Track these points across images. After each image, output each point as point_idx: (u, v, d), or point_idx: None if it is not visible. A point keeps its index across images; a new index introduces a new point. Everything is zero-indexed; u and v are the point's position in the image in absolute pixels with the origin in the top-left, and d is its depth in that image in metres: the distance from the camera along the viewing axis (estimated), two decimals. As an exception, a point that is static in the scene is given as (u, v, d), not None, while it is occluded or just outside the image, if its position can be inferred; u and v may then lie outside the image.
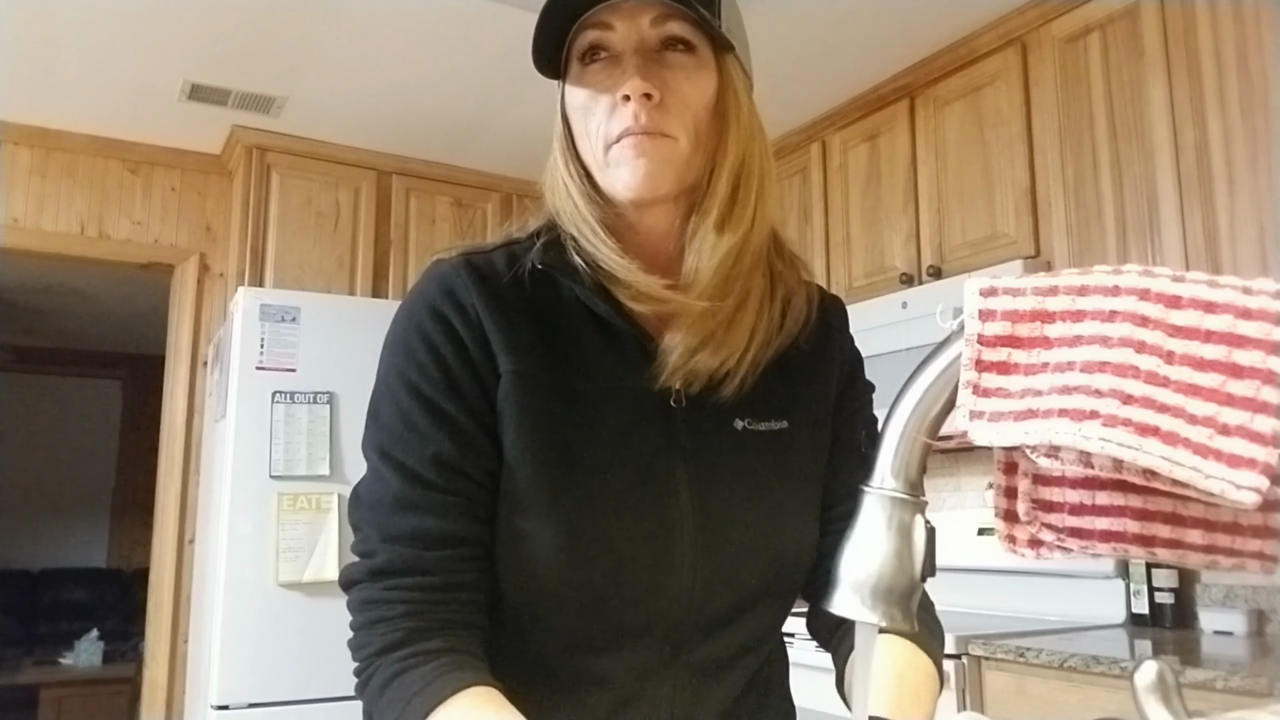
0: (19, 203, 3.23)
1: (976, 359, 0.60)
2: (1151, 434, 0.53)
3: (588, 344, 0.77)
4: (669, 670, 0.77)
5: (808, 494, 0.84)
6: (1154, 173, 2.12)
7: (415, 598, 0.71)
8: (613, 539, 0.74)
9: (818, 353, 0.86)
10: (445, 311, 0.75)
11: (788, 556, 0.81)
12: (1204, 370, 0.53)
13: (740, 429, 0.80)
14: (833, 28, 2.59)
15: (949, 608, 2.60)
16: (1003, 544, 0.66)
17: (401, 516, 0.72)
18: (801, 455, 0.83)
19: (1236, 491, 0.50)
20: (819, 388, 0.86)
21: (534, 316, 0.77)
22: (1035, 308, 0.59)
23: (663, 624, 0.76)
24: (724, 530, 0.77)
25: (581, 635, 0.75)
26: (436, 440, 0.73)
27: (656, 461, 0.76)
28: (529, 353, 0.75)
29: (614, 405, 0.76)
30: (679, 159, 0.75)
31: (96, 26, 2.59)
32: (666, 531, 0.75)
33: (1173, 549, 0.61)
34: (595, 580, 0.73)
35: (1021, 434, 0.57)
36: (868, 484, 0.65)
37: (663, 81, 0.74)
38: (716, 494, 0.77)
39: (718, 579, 0.77)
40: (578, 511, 0.73)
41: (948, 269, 2.60)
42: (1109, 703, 1.73)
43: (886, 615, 0.63)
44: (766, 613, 0.82)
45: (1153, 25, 2.15)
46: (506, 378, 0.74)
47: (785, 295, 0.82)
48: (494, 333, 0.75)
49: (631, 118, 0.73)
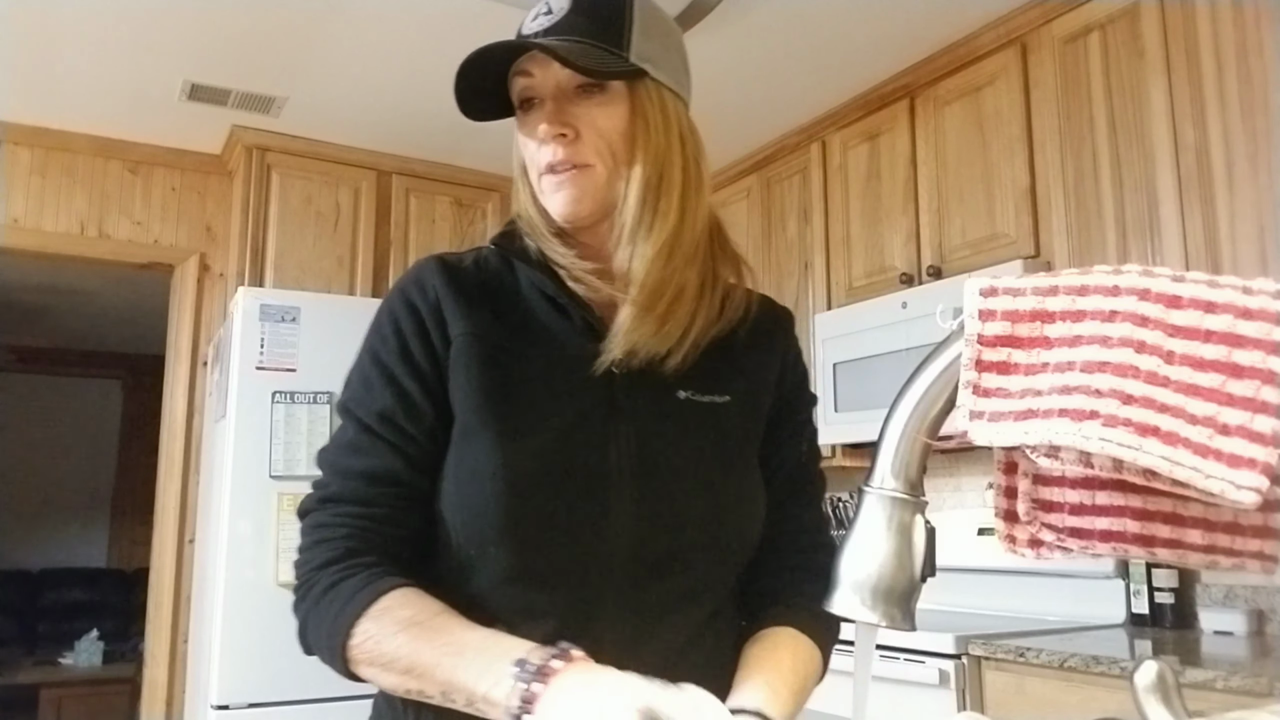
0: (19, 203, 3.23)
1: (976, 359, 0.60)
2: (1151, 434, 0.53)
3: (538, 318, 0.89)
4: (608, 610, 0.82)
5: (747, 461, 0.92)
6: (1154, 173, 2.12)
7: (357, 524, 0.82)
8: (547, 478, 0.82)
9: (762, 344, 0.96)
10: (410, 293, 0.88)
11: (726, 516, 0.87)
12: (1204, 370, 0.53)
13: (683, 399, 0.88)
14: (833, 27, 2.59)
15: (949, 608, 2.60)
16: (1003, 544, 0.66)
17: (353, 458, 0.85)
18: (740, 427, 0.92)
19: (1236, 491, 0.50)
20: (760, 373, 0.95)
21: (489, 294, 0.89)
22: (1035, 308, 0.59)
23: (601, 563, 0.82)
24: (662, 483, 0.84)
25: (522, 568, 0.82)
26: (384, 398, 0.85)
27: (593, 417, 0.85)
28: (481, 321, 0.87)
29: (558, 367, 0.86)
30: (597, 186, 0.86)
31: (96, 26, 2.59)
32: (600, 478, 0.83)
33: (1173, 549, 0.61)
34: (534, 513, 0.81)
35: (1021, 434, 0.57)
36: (868, 484, 0.65)
37: (577, 117, 0.85)
38: (655, 451, 0.85)
39: (655, 526, 0.83)
40: (516, 451, 0.81)
41: (948, 269, 2.60)
42: (1109, 703, 1.73)
43: (886, 615, 0.63)
44: (705, 567, 0.87)
45: (1153, 25, 2.15)
46: (459, 339, 0.85)
47: (726, 288, 0.92)
48: (450, 306, 0.87)
49: (549, 153, 0.85)
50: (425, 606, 0.77)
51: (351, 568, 0.79)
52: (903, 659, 2.10)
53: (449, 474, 0.84)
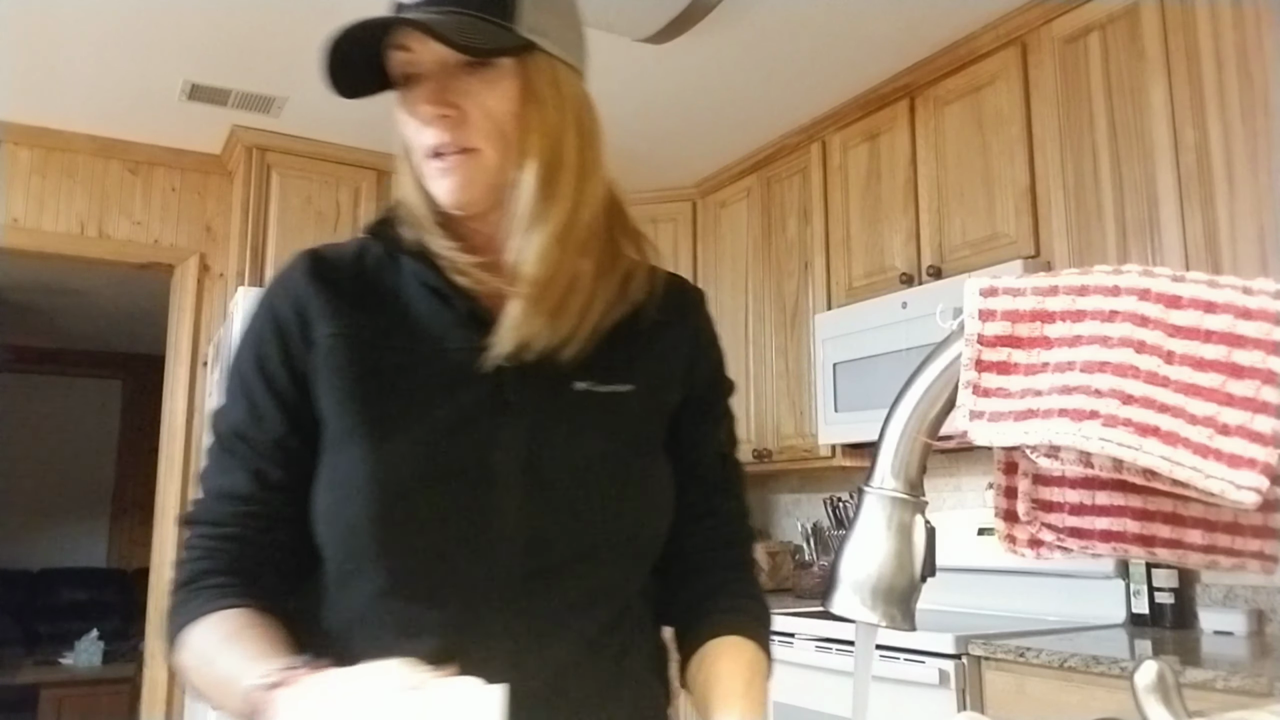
0: (19, 203, 3.22)
1: (976, 359, 0.60)
2: (1151, 434, 0.53)
3: (419, 311, 0.82)
4: (496, 622, 0.77)
5: (651, 455, 0.86)
6: (1154, 173, 2.12)
7: (207, 545, 0.79)
8: (425, 484, 0.77)
9: (671, 326, 0.90)
10: (273, 297, 0.83)
11: (631, 513, 0.82)
12: (1204, 370, 0.53)
13: (581, 390, 0.82)
14: (832, 27, 2.59)
15: (949, 608, 2.60)
16: (1003, 544, 0.66)
17: (209, 474, 0.82)
18: (645, 418, 0.86)
19: (1236, 491, 0.50)
20: (668, 359, 0.89)
21: (364, 288, 0.83)
22: (1035, 308, 0.59)
23: (487, 573, 0.77)
24: (556, 481, 0.79)
25: (401, 583, 0.77)
26: (235, 412, 0.82)
27: (478, 414, 0.79)
28: (351, 320, 0.81)
29: (438, 364, 0.80)
30: (487, 170, 0.79)
31: (96, 26, 2.59)
32: (487, 478, 0.78)
33: (1173, 549, 0.61)
34: (410, 524, 0.76)
35: (1021, 434, 0.57)
36: (868, 484, 0.65)
37: (463, 96, 0.77)
38: (549, 447, 0.80)
39: (549, 529, 0.78)
40: (390, 457, 0.77)
41: (948, 269, 2.60)
42: (1109, 703, 1.73)
43: (886, 615, 0.63)
44: (611, 568, 0.82)
45: (1153, 25, 2.15)
46: (325, 341, 0.80)
47: (627, 267, 0.86)
48: (316, 307, 0.81)
49: (433, 136, 0.78)
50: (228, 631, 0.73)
51: (195, 590, 0.77)
52: (903, 659, 2.10)
53: (320, 485, 0.79)
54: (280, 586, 0.80)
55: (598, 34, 2.48)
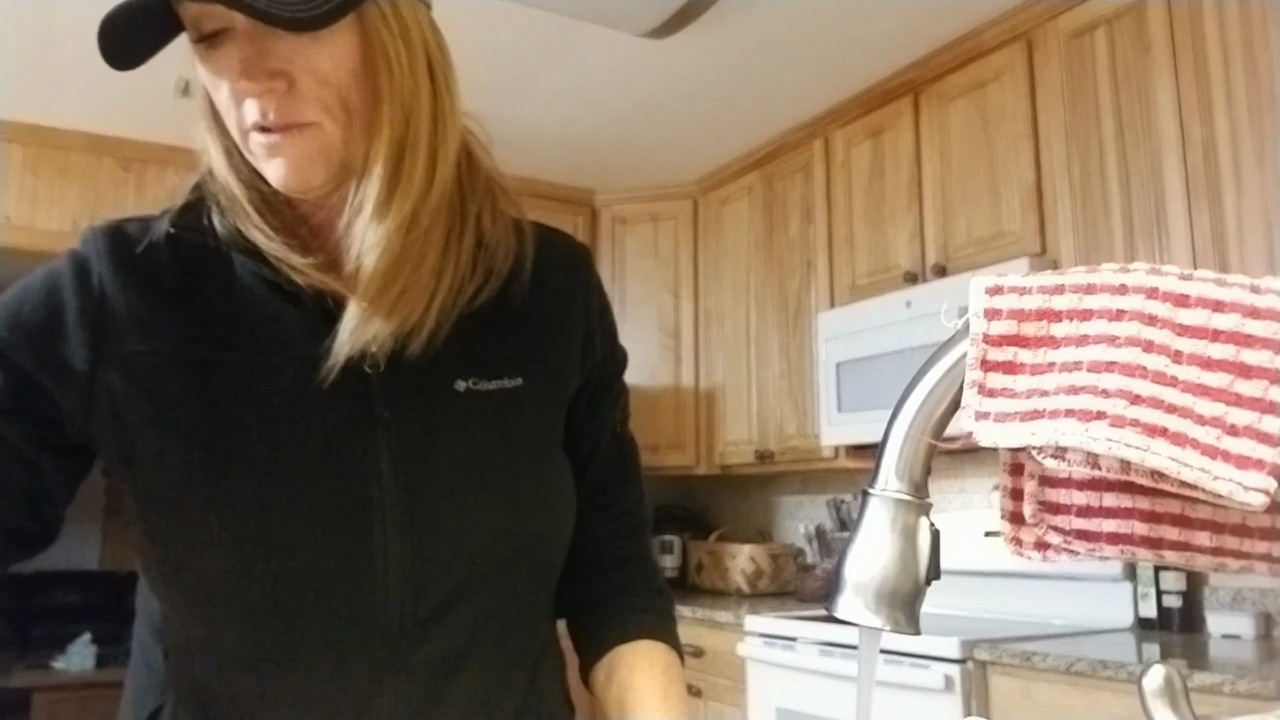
0: (11, 200, 3.22)
1: (982, 359, 0.59)
2: (1159, 434, 0.52)
3: (258, 312, 0.68)
4: (387, 679, 0.67)
5: (551, 455, 0.76)
6: (1161, 170, 2.11)
7: None
8: (287, 531, 0.64)
9: (558, 304, 0.78)
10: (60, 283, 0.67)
11: (528, 524, 0.72)
12: (1212, 370, 0.52)
13: (463, 390, 0.71)
14: (836, 23, 2.58)
15: (954, 611, 2.59)
16: (1009, 546, 0.65)
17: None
18: (540, 413, 0.75)
19: (1244, 493, 0.49)
20: (560, 342, 0.78)
21: (186, 287, 0.68)
22: (1041, 306, 0.59)
23: (370, 623, 0.66)
24: (439, 505, 0.68)
25: (266, 648, 0.65)
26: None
27: (345, 435, 0.67)
28: (169, 329, 0.66)
29: (286, 378, 0.67)
30: (327, 146, 0.64)
31: (90, 23, 2.57)
32: (361, 513, 0.66)
33: (1180, 551, 0.60)
34: (270, 578, 0.64)
35: (1028, 435, 0.56)
36: (872, 486, 0.64)
37: (288, 60, 0.61)
38: (428, 466, 0.68)
39: (435, 560, 0.68)
40: (238, 502, 0.63)
41: (953, 267, 2.58)
42: (1116, 707, 1.72)
43: (890, 619, 0.62)
44: (511, 591, 0.72)
45: (1159, 21, 2.14)
46: (137, 361, 0.65)
47: (479, 230, 0.72)
48: (122, 312, 0.66)
49: (258, 114, 0.62)
50: None
51: None
52: (907, 663, 2.09)
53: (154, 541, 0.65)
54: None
55: (598, 29, 2.49)
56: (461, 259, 0.71)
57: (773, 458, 3.20)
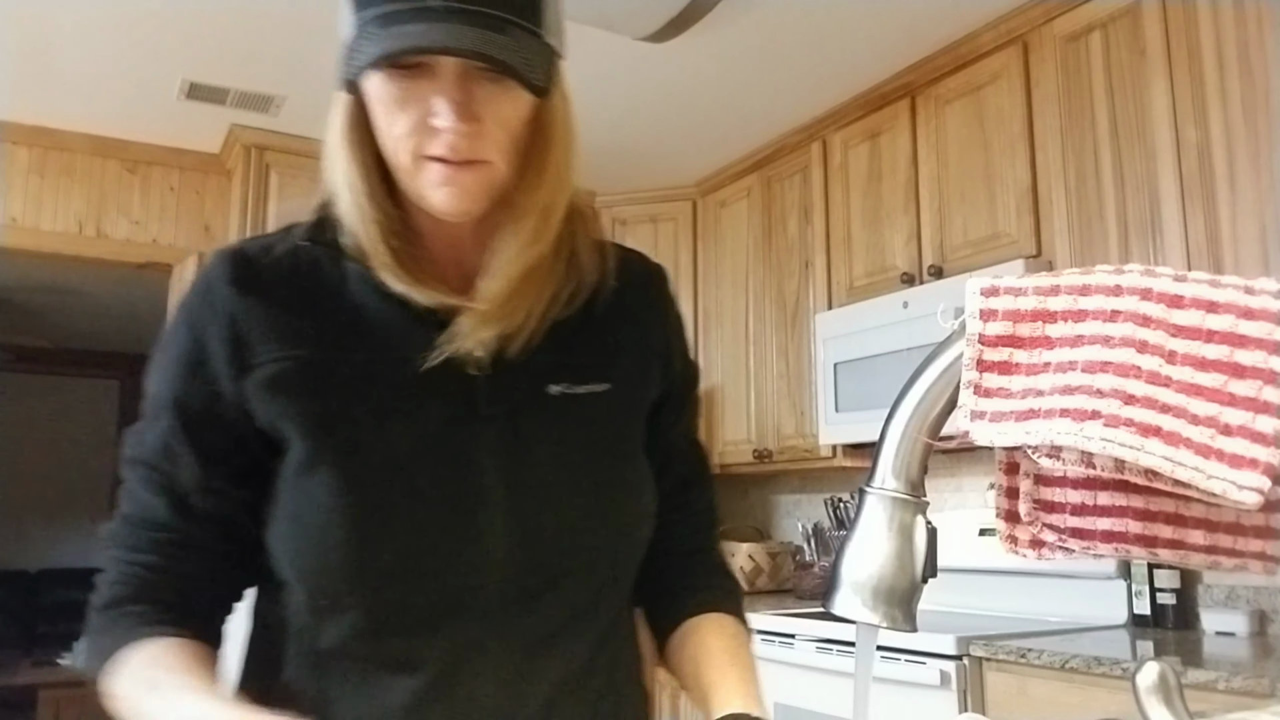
0: (17, 202, 3.22)
1: (978, 359, 0.60)
2: (1153, 434, 0.53)
3: (373, 316, 0.75)
4: (487, 648, 0.73)
5: (635, 457, 0.82)
6: (1156, 172, 2.12)
7: (122, 569, 0.75)
8: (402, 511, 0.71)
9: (639, 316, 0.85)
10: (195, 310, 0.75)
11: (616, 520, 0.78)
12: (1206, 370, 0.53)
13: (556, 394, 0.77)
14: (833, 26, 2.59)
15: (950, 609, 2.60)
16: (1004, 544, 0.65)
17: (126, 500, 0.76)
18: (626, 418, 0.81)
19: (1238, 492, 0.50)
20: (642, 351, 0.84)
21: (305, 297, 0.75)
22: (1037, 307, 0.59)
23: (474, 598, 0.73)
24: (539, 495, 0.75)
25: (381, 616, 0.72)
26: (149, 440, 0.75)
27: (453, 429, 0.74)
28: (298, 336, 0.73)
29: (401, 378, 0.74)
30: (492, 182, 0.72)
31: (95, 25, 2.58)
32: (467, 500, 0.73)
33: (1175, 549, 0.60)
34: (387, 555, 0.71)
35: (1023, 434, 0.56)
36: (869, 484, 0.65)
37: (481, 105, 0.69)
38: (528, 461, 0.75)
39: (535, 545, 0.74)
40: (361, 487, 0.71)
41: (949, 268, 2.59)
42: (1111, 704, 1.73)
43: (888, 616, 0.63)
44: (597, 580, 0.78)
45: (1154, 24, 2.14)
46: (270, 366, 0.73)
47: (571, 248, 0.80)
48: (252, 323, 0.73)
49: (447, 148, 0.69)
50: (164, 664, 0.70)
51: (118, 616, 0.73)
52: (904, 660, 2.10)
53: (281, 519, 0.73)
54: (206, 616, 0.75)
55: (597, 32, 2.49)
56: (558, 272, 0.78)
57: (771, 457, 3.20)
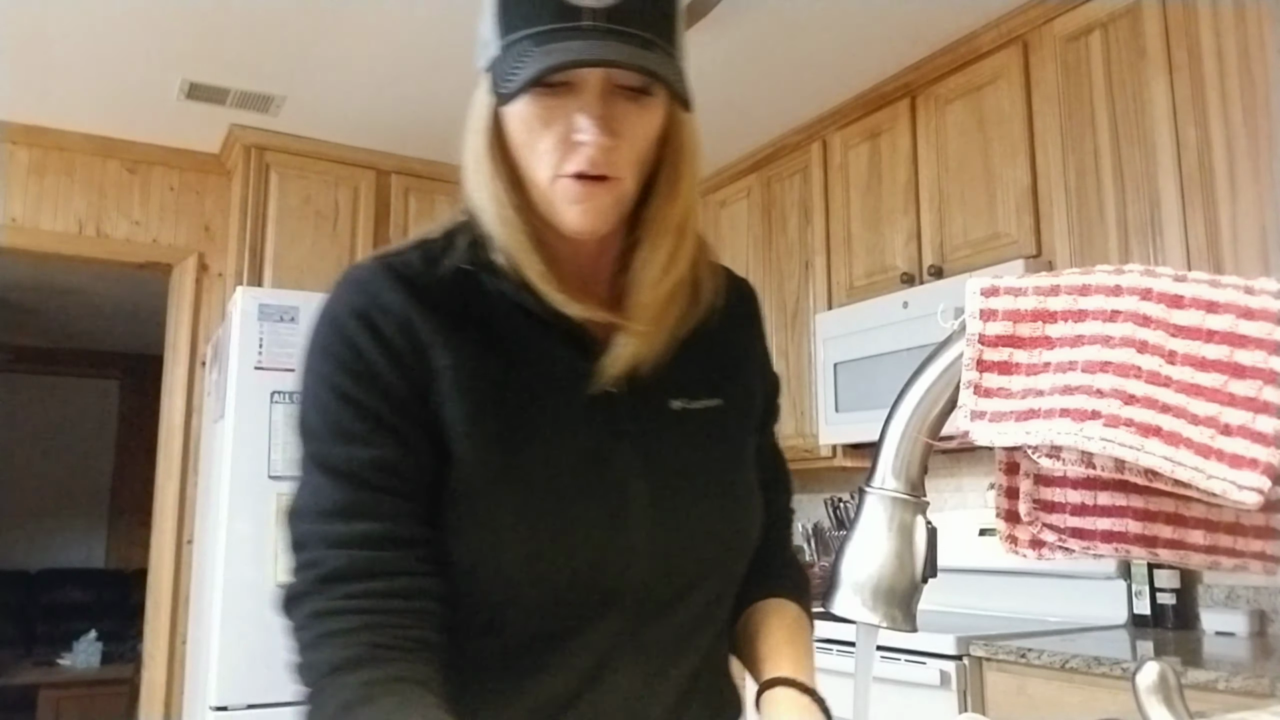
0: (17, 202, 3.22)
1: (978, 359, 0.59)
2: (1153, 434, 0.53)
3: (521, 337, 0.77)
4: (628, 650, 0.77)
5: (748, 466, 0.86)
6: (1156, 172, 2.12)
7: (371, 606, 0.68)
8: (573, 527, 0.74)
9: (740, 334, 0.90)
10: (370, 314, 0.74)
11: (735, 529, 0.82)
12: (1206, 370, 0.53)
13: (678, 409, 0.81)
14: (833, 26, 2.59)
15: (950, 609, 2.60)
16: (1004, 544, 0.65)
17: (349, 524, 0.70)
18: (737, 431, 0.85)
19: (1238, 492, 0.50)
20: (744, 367, 0.89)
21: (464, 312, 0.76)
22: (1037, 307, 0.59)
23: (622, 604, 0.76)
24: (674, 507, 0.78)
25: (545, 623, 0.75)
26: (374, 444, 0.71)
27: (603, 446, 0.77)
28: (465, 347, 0.74)
29: (555, 395, 0.76)
30: (622, 199, 0.75)
31: (95, 25, 2.58)
32: (622, 513, 0.76)
33: (1175, 549, 0.60)
34: (560, 568, 0.73)
35: (1023, 434, 0.56)
36: (869, 484, 0.65)
37: (619, 123, 0.72)
38: (664, 474, 0.78)
39: (674, 556, 0.77)
40: (536, 503, 0.73)
41: (949, 268, 2.59)
42: (1111, 704, 1.73)
43: (888, 616, 0.63)
44: (717, 586, 0.82)
45: (1154, 24, 2.15)
46: (446, 374, 0.73)
47: (696, 275, 0.84)
48: (425, 330, 0.74)
49: (586, 162, 0.71)
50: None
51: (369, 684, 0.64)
52: (904, 660, 2.10)
53: (457, 533, 0.73)
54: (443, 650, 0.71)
55: (597, 33, 2.49)
56: (689, 296, 0.82)
57: (770, 458, 3.20)
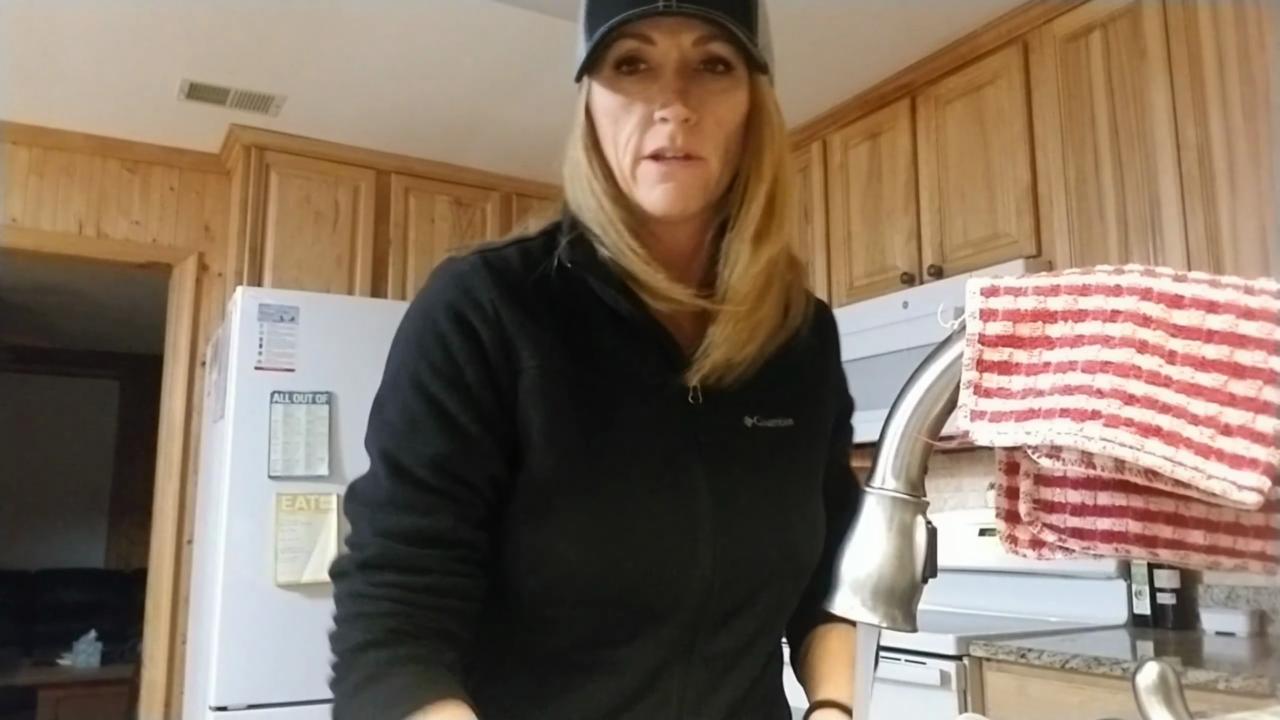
0: (17, 202, 3.22)
1: (978, 359, 0.59)
2: (1153, 434, 0.52)
3: (608, 341, 0.77)
4: (682, 662, 0.77)
5: (814, 489, 0.85)
6: (1155, 172, 2.12)
7: (400, 595, 0.70)
8: (639, 532, 0.74)
9: (818, 358, 0.88)
10: (462, 309, 0.74)
11: (799, 549, 0.82)
12: (1206, 370, 0.53)
13: (750, 425, 0.81)
14: (834, 26, 2.59)
15: (950, 608, 2.60)
16: (1004, 544, 0.65)
17: (395, 515, 0.72)
18: (807, 452, 0.85)
19: (1238, 492, 0.50)
20: (820, 391, 0.88)
21: (554, 313, 0.76)
22: (1037, 307, 0.59)
23: (681, 615, 0.76)
24: (740, 523, 0.78)
25: (603, 628, 0.75)
26: (437, 442, 0.72)
27: (676, 457, 0.77)
28: (552, 349, 0.75)
29: (634, 401, 0.76)
30: (709, 181, 0.75)
31: (95, 25, 2.58)
32: (689, 524, 0.76)
33: (1175, 549, 0.60)
34: (623, 573, 0.73)
35: (1023, 434, 0.56)
36: (869, 484, 0.65)
37: (700, 102, 0.73)
38: (731, 488, 0.78)
39: (733, 571, 0.77)
40: (604, 507, 0.73)
41: (949, 268, 2.59)
42: (1111, 704, 1.73)
43: (888, 616, 0.63)
44: (775, 605, 0.82)
45: (1154, 24, 2.15)
46: (530, 374, 0.74)
47: (788, 296, 0.83)
48: (515, 329, 0.74)
49: (667, 139, 0.72)
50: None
51: (391, 662, 0.67)
52: (904, 660, 2.10)
53: (523, 531, 0.73)
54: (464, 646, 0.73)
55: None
56: (776, 315, 0.81)
57: (769, 458, 3.20)
